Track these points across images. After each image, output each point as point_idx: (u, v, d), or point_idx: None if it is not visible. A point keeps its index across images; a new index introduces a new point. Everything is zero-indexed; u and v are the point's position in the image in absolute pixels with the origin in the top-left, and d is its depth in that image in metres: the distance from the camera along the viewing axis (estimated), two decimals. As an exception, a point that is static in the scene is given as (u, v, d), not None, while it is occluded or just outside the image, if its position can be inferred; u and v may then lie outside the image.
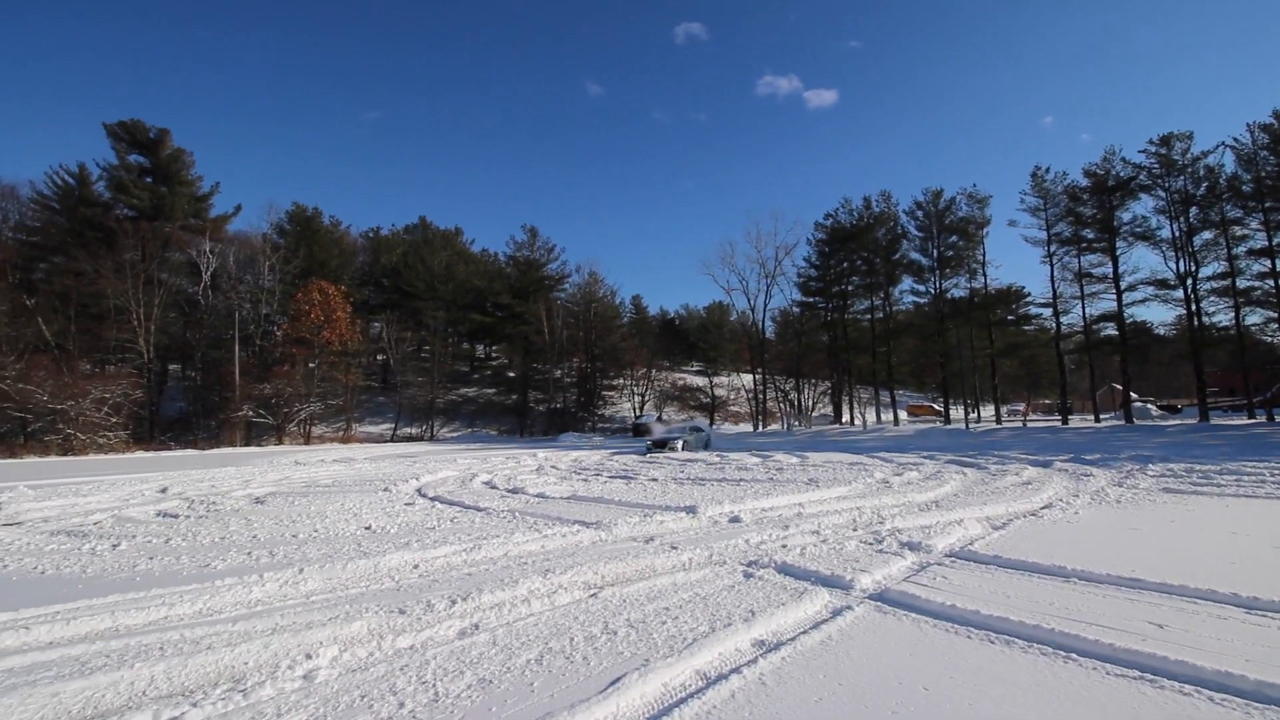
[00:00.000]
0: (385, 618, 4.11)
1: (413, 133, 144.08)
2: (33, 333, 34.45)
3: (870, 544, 6.15)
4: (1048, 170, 38.92)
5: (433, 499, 10.80)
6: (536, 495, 10.94)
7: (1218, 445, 19.06)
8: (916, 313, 48.62)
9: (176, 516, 9.15)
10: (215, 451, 32.02)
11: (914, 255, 45.90)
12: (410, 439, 45.75)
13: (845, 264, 48.82)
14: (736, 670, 3.15)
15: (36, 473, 18.49)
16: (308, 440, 40.33)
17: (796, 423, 50.60)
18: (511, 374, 59.85)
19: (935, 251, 43.70)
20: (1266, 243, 31.98)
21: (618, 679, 3.03)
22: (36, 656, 3.54)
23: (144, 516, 9.26)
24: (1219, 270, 33.91)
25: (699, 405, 59.16)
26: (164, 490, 12.81)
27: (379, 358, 53.38)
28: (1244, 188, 32.40)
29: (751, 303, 52.42)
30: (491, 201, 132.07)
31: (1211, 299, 34.36)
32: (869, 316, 48.88)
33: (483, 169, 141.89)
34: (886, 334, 46.54)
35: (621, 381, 58.98)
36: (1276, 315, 32.47)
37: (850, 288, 49.16)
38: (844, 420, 50.93)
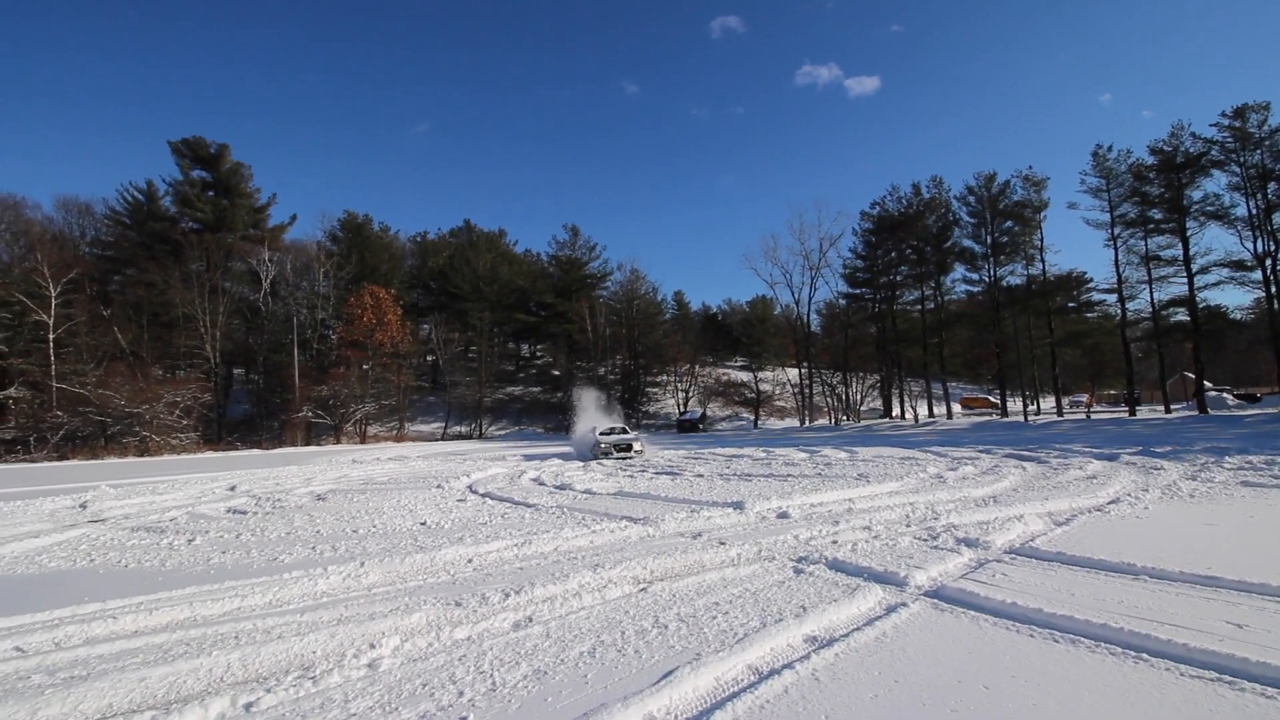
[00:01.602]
0: (443, 610, 4.24)
1: (457, 138, 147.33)
2: (109, 341, 36.81)
3: (925, 540, 6.00)
4: (1110, 149, 36.99)
5: (483, 495, 11.06)
6: (584, 491, 11.07)
7: (1305, 436, 17.77)
8: (969, 302, 46.90)
9: (245, 513, 9.65)
10: (278, 451, 33.57)
11: (966, 242, 44.28)
12: (460, 437, 46.90)
13: (893, 253, 47.51)
14: (789, 666, 3.13)
15: (116, 473, 19.77)
16: (363, 439, 41.82)
17: (845, 417, 49.61)
18: (556, 372, 60.59)
19: (989, 238, 42.03)
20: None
21: (670, 672, 3.06)
22: (124, 644, 3.80)
23: (215, 513, 9.80)
24: (1303, 248, 31.58)
25: (744, 400, 58.61)
26: (233, 488, 13.52)
27: (429, 358, 54.88)
28: (1330, 157, 30.04)
29: (795, 296, 51.97)
30: (533, 203, 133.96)
31: (1295, 279, 32.01)
32: (919, 307, 47.39)
33: (524, 171, 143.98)
34: (938, 325, 45.07)
35: (665, 378, 58.98)
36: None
37: (899, 278, 47.79)
38: (894, 414, 49.66)
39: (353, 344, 43.61)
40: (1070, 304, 42.14)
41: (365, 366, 43.75)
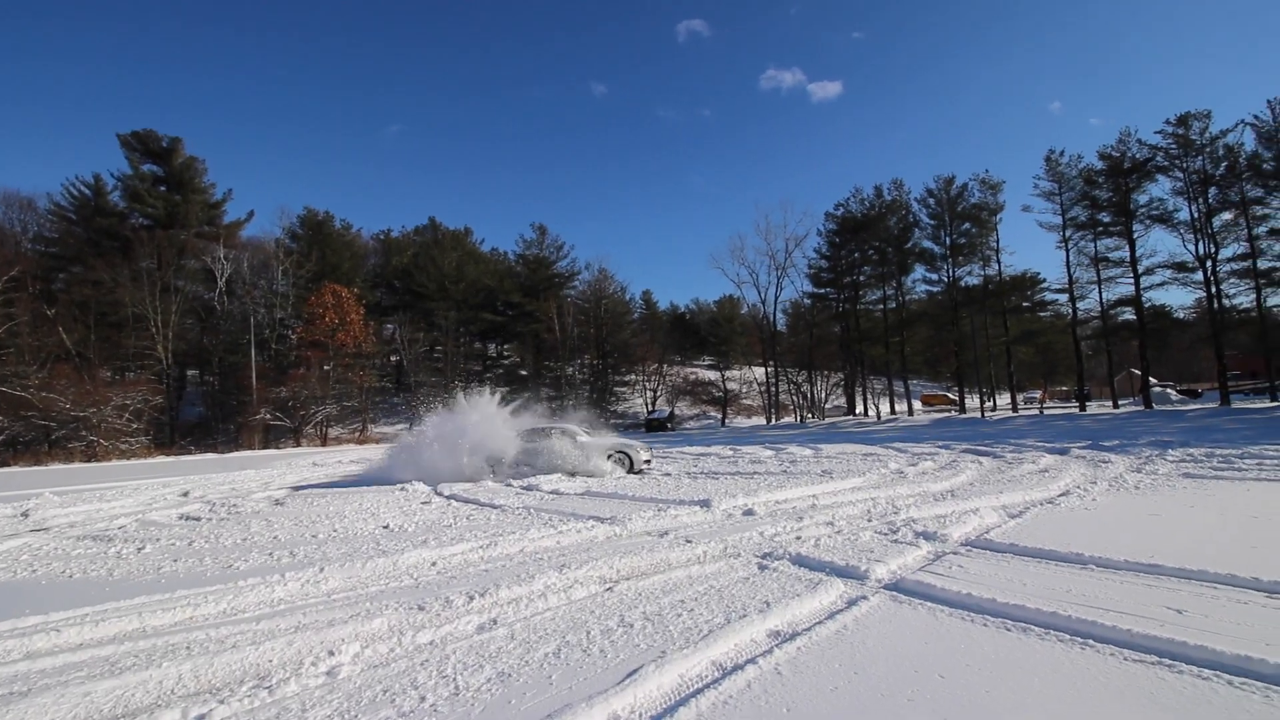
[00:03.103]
0: (405, 614, 4.17)
1: (426, 138, 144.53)
2: (54, 342, 35.14)
3: (885, 534, 6.13)
4: (1062, 154, 38.46)
5: (448, 497, 10.90)
6: (551, 492, 11.01)
7: (1239, 429, 18.75)
8: (929, 302, 48.20)
9: (199, 519, 9.32)
10: (234, 455, 32.52)
11: (926, 243, 45.57)
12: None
13: (856, 254, 48.50)
14: (752, 661, 3.17)
15: (61, 479, 18.89)
16: (324, 442, 40.80)
17: (810, 415, 50.40)
18: (523, 372, 60.12)
19: (948, 239, 43.27)
20: (1288, 221, 31.38)
21: (634, 671, 3.06)
22: (68, 658, 3.63)
23: (167, 520, 9.44)
24: (1239, 251, 33.49)
25: (711, 399, 59.06)
26: (185, 494, 13.05)
27: (393, 359, 53.85)
28: (1265, 166, 31.76)
29: (762, 295, 52.51)
30: (500, 202, 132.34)
31: (1232, 281, 33.91)
32: (881, 307, 48.52)
33: (492, 171, 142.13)
34: (899, 324, 46.19)
35: (633, 377, 59.05)
36: (1299, 295, 31.85)
37: (862, 278, 48.84)
38: (857, 412, 50.66)
39: (313, 344, 42.51)
40: (1024, 304, 43.64)
41: (326, 367, 42.70)
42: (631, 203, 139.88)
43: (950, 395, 57.34)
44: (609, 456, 14.10)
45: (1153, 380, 40.14)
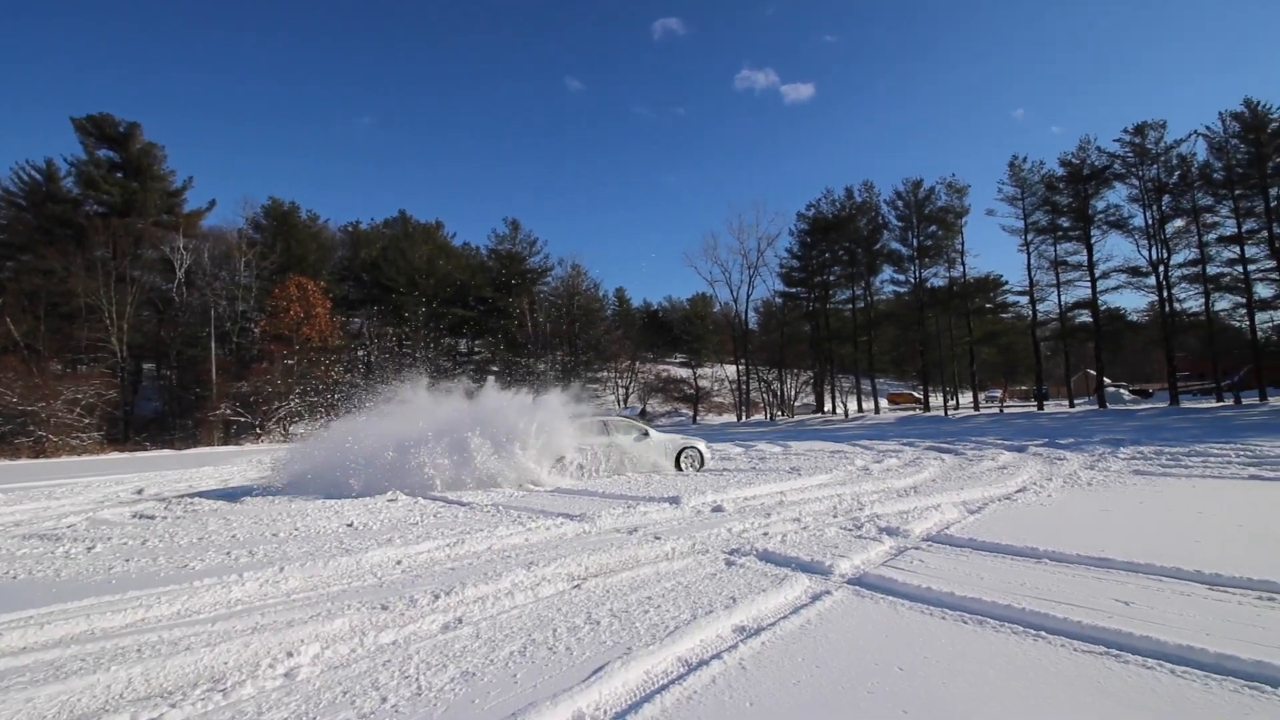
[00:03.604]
0: (368, 614, 4.10)
1: (398, 130, 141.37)
2: (1, 333, 33.56)
3: (850, 530, 6.25)
4: (1025, 160, 39.59)
5: (413, 494, 10.73)
6: (519, 489, 10.93)
7: (1187, 428, 19.57)
8: (897, 302, 49.17)
9: (153, 518, 9.01)
10: (192, 451, 31.50)
11: (894, 245, 46.44)
12: (393, 435, 45.23)
13: (827, 254, 49.16)
14: (718, 656, 3.20)
15: (7, 476, 18.07)
16: (288, 438, 39.81)
17: (779, 413, 51.00)
18: (495, 368, 59.53)
19: (915, 241, 44.18)
20: (1236, 230, 32.85)
21: (600, 668, 3.06)
22: (9, 662, 3.48)
23: (119, 519, 9.11)
24: (1190, 257, 34.88)
25: (683, 396, 59.33)
26: (140, 491, 12.60)
27: (360, 354, 52.80)
28: (1215, 175, 33.14)
29: (734, 294, 52.75)
30: (473, 196, 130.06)
31: (1182, 285, 35.30)
32: (850, 306, 49.31)
33: (464, 164, 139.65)
34: (868, 323, 46.99)
35: (606, 374, 58.95)
36: (1244, 301, 33.31)
37: (832, 278, 49.53)
38: (826, 409, 51.42)
39: (277, 338, 41.37)
40: (987, 305, 44.85)
41: (290, 361, 41.65)
42: (606, 200, 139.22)
43: (916, 394, 58.60)
44: (681, 454, 12.85)
45: (1107, 380, 41.64)
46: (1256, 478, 8.80)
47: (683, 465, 12.79)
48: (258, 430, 38.54)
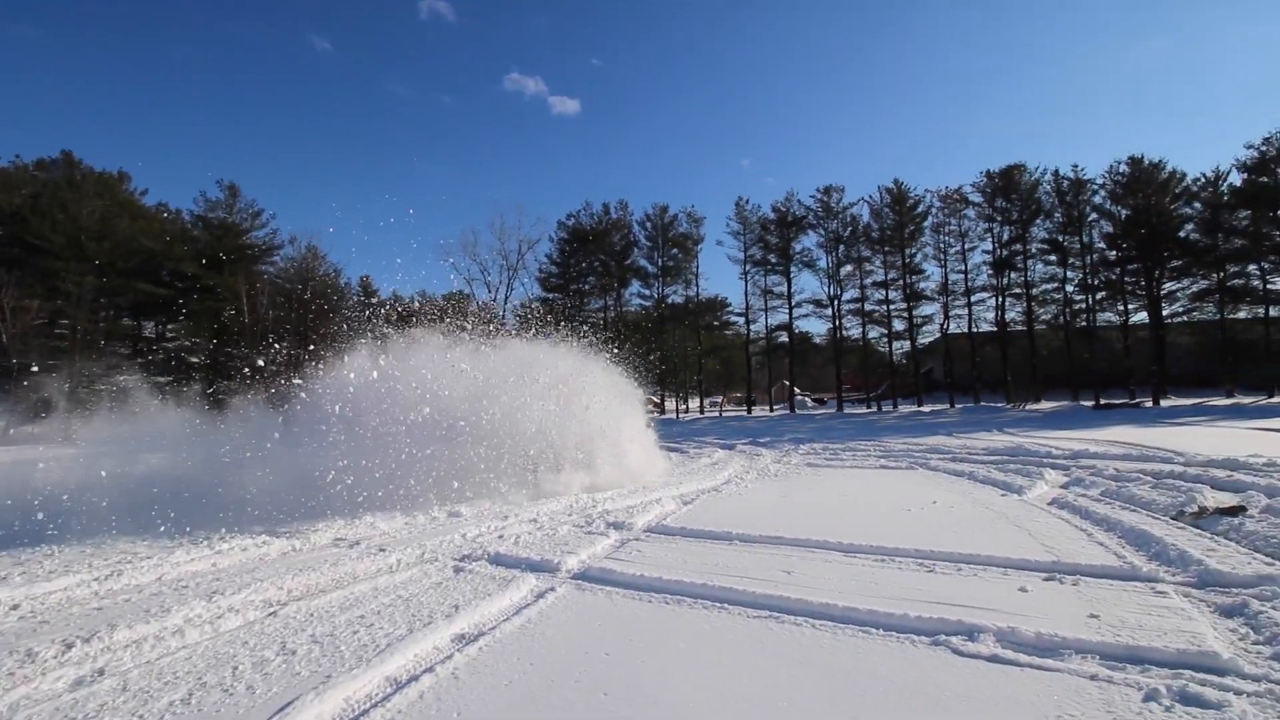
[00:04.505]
0: (-57, 684, 3.03)
1: (63, 42, 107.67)
2: None
3: (581, 527, 6.55)
4: (748, 202, 46.44)
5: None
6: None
7: (847, 429, 24.81)
8: (642, 314, 53.48)
9: None
10: None
11: (643, 262, 50.50)
12: (36, 440, 34.60)
13: (584, 264, 51.32)
14: (429, 670, 3.07)
15: None
16: None
17: (531, 415, 51.55)
18: (195, 359, 49.30)
19: (660, 260, 48.68)
20: (884, 277, 42.87)
21: (289, 703, 2.71)
22: None
23: None
24: (854, 295, 44.30)
25: (431, 398, 56.20)
26: None
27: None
28: (873, 234, 42.82)
29: (493, 294, 51.95)
30: (179, 152, 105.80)
31: (849, 317, 44.73)
32: (602, 315, 52.16)
33: (165, 107, 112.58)
34: (617, 333, 50.19)
35: (342, 371, 52.95)
36: (887, 332, 43.66)
37: (587, 286, 51.84)
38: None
39: None
40: (714, 323, 51.39)
41: None
42: (354, 178, 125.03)
43: (654, 399, 64.37)
44: None
45: (797, 390, 50.88)
46: (885, 467, 11.51)
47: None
48: None
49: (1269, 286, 32.44)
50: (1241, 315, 34.55)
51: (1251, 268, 32.92)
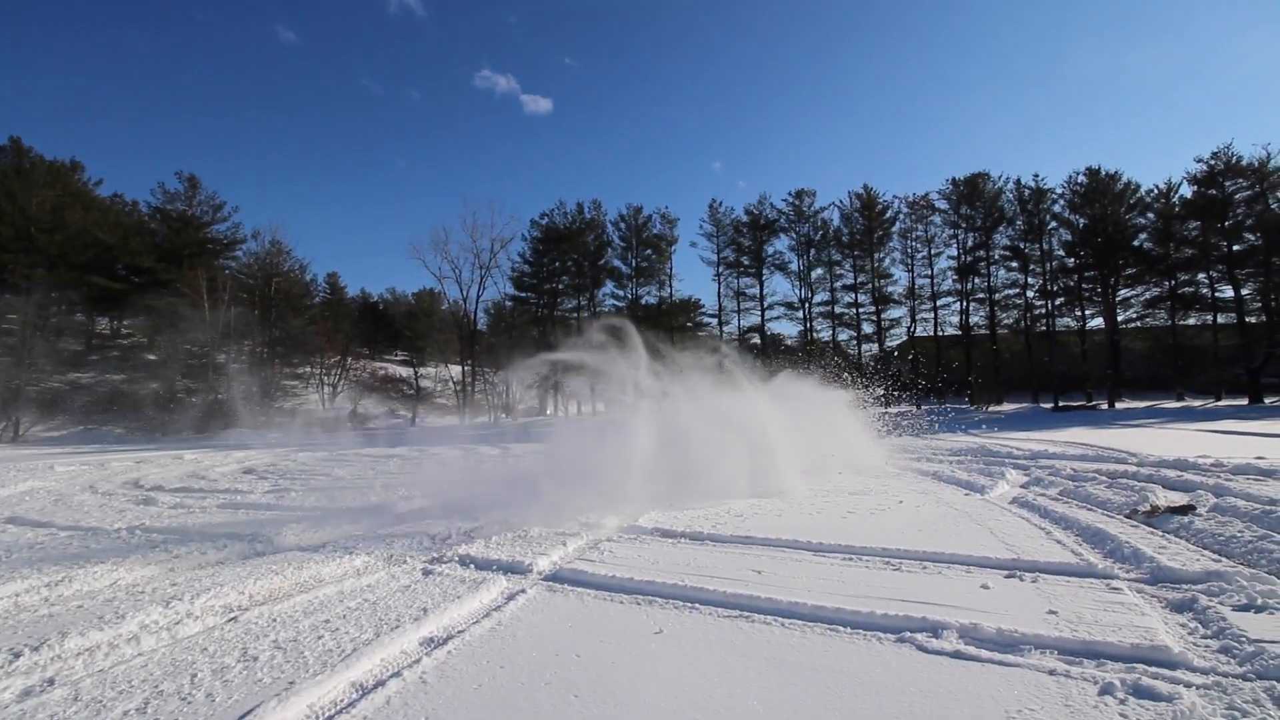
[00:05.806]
0: (-123, 697, 2.89)
1: (7, 23, 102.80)
2: None
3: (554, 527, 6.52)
4: (721, 204, 46.80)
5: (6, 520, 8.01)
6: (175, 506, 8.93)
7: (817, 430, 25.09)
8: (616, 314, 53.49)
9: None
10: None
11: (616, 262, 50.54)
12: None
13: (557, 263, 51.12)
14: (397, 674, 3.03)
15: None
16: None
17: (505, 414, 51.08)
18: (152, 356, 47.66)
19: (634, 261, 48.78)
20: (854, 281, 43.56)
21: (250, 710, 2.65)
22: None
23: None
24: (825, 299, 44.93)
25: (403, 396, 55.34)
26: None
27: (-85, 327, 37.29)
28: (843, 238, 43.49)
29: (464, 292, 51.42)
30: (137, 141, 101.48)
31: (819, 319, 45.37)
32: (576, 315, 52.01)
33: (125, 96, 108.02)
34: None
35: (309, 370, 51.84)
36: (856, 334, 44.42)
37: (560, 286, 51.67)
38: (549, 412, 53.19)
39: None
40: (688, 324, 51.63)
41: None
42: (320, 172, 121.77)
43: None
44: None
45: (769, 391, 51.41)
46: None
47: None
48: None
49: (1217, 294, 33.96)
50: (1191, 322, 36.03)
51: (1201, 276, 34.38)
